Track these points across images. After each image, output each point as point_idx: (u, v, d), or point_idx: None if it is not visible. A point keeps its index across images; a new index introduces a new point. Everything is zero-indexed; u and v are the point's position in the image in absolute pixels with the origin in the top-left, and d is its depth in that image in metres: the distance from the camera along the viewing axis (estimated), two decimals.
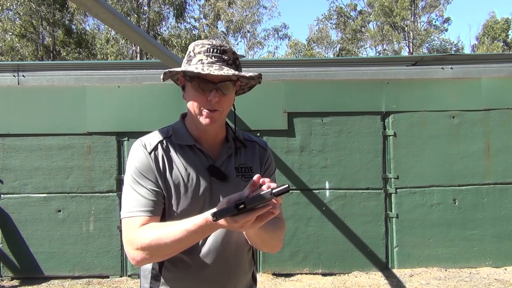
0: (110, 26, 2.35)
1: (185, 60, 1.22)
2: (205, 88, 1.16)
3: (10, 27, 19.34)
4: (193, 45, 1.21)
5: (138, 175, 1.19)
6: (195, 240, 1.10)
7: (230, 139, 1.31)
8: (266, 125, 4.53)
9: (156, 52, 3.05)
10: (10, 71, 4.76)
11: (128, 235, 1.15)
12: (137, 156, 1.21)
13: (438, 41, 30.90)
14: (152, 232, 1.11)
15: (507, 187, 4.56)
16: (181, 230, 1.06)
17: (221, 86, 1.17)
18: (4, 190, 4.49)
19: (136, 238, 1.12)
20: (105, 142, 4.52)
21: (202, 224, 1.03)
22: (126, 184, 1.22)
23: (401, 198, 4.55)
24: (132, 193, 1.18)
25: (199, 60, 1.17)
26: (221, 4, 27.50)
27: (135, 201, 1.17)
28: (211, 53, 1.17)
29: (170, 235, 1.07)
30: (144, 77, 4.75)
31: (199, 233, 1.05)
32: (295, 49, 32.93)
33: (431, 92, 4.62)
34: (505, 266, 4.49)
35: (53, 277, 4.46)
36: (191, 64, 1.17)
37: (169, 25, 23.71)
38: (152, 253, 1.11)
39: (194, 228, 1.04)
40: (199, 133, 1.26)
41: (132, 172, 1.20)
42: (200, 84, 1.16)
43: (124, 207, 1.18)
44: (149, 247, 1.10)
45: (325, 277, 4.44)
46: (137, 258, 1.13)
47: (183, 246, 1.10)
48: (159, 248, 1.09)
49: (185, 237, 1.06)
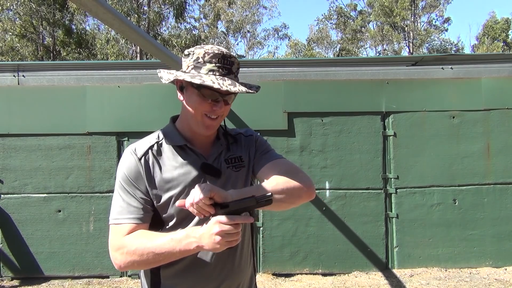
0: (110, 26, 2.35)
1: (191, 65, 1.20)
2: (212, 98, 1.19)
3: (10, 27, 19.34)
4: (203, 52, 1.19)
5: (127, 182, 1.20)
6: (178, 257, 1.13)
7: (221, 136, 1.34)
8: (266, 125, 4.53)
9: (156, 52, 3.05)
10: (10, 71, 4.76)
11: (114, 241, 1.17)
12: (127, 163, 1.22)
13: (438, 41, 30.90)
14: (138, 240, 1.14)
15: (507, 187, 4.56)
16: (168, 242, 1.10)
17: (228, 98, 1.22)
18: (4, 190, 4.49)
19: (121, 244, 1.15)
20: (105, 142, 4.52)
21: (188, 248, 1.09)
22: (115, 190, 1.23)
23: (401, 198, 4.55)
24: (120, 200, 1.20)
25: (210, 70, 1.17)
26: (221, 4, 27.49)
27: (122, 208, 1.19)
28: (222, 64, 1.18)
29: (156, 246, 1.11)
30: (144, 77, 4.74)
31: (183, 253, 1.11)
32: (295, 49, 32.93)
33: (431, 92, 4.62)
34: (505, 266, 4.49)
35: (53, 277, 4.46)
36: (200, 72, 1.17)
37: (169, 25, 23.72)
38: (135, 261, 1.13)
39: (179, 247, 1.09)
40: (191, 134, 1.27)
41: (121, 178, 1.21)
42: (207, 93, 1.18)
43: (112, 213, 1.21)
44: (134, 254, 1.12)
45: (325, 277, 4.44)
46: (120, 263, 1.16)
47: (166, 260, 1.13)
48: (143, 257, 1.12)
49: (170, 251, 1.10)
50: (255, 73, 4.75)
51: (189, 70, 1.20)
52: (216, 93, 1.18)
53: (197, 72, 1.18)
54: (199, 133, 1.25)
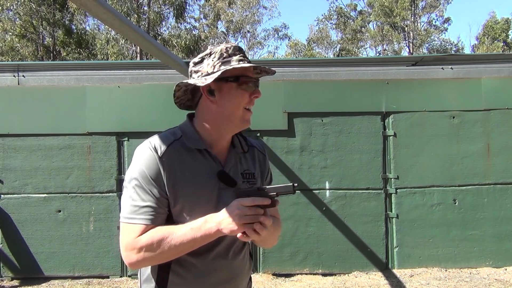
0: (110, 26, 2.35)
1: (218, 63, 1.18)
2: (251, 85, 1.21)
3: (10, 27, 19.34)
4: (225, 47, 1.20)
5: (145, 180, 1.14)
6: (200, 244, 1.12)
7: (237, 143, 1.32)
8: (266, 125, 4.53)
9: (156, 52, 3.05)
10: (10, 71, 4.76)
11: (128, 240, 1.13)
12: (146, 160, 1.15)
13: (438, 41, 30.89)
14: (157, 236, 1.11)
15: (507, 187, 4.56)
16: (189, 232, 1.10)
17: (258, 83, 1.25)
18: (4, 190, 4.49)
19: (136, 243, 1.12)
20: (105, 142, 4.52)
21: (208, 233, 1.09)
22: (129, 187, 1.16)
23: (401, 198, 4.55)
24: (135, 197, 1.14)
25: (239, 61, 1.19)
26: (221, 4, 27.49)
27: (137, 207, 1.14)
28: (244, 54, 1.22)
29: (177, 238, 1.10)
30: (144, 77, 4.74)
31: (204, 239, 1.11)
32: (295, 49, 32.93)
33: (431, 92, 4.62)
34: (505, 266, 4.49)
35: (53, 277, 4.45)
36: (231, 64, 1.17)
37: (169, 25, 23.72)
38: (152, 256, 1.11)
39: (200, 233, 1.09)
40: (212, 138, 1.24)
41: (139, 175, 1.14)
42: (246, 83, 1.19)
43: (126, 210, 1.15)
44: (152, 250, 1.10)
45: (325, 277, 4.43)
46: (134, 261, 1.13)
47: (188, 249, 1.12)
48: (163, 251, 1.10)
49: (192, 240, 1.10)
50: None
51: (218, 68, 1.18)
52: (252, 80, 1.20)
53: (228, 65, 1.17)
54: (235, 130, 1.26)
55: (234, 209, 1.06)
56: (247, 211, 1.05)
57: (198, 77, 1.21)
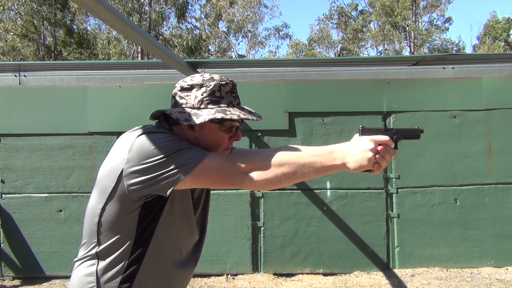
0: (112, 26, 2.35)
1: (207, 99, 1.16)
2: (232, 129, 1.21)
3: (12, 27, 19.36)
4: (218, 85, 1.17)
5: (186, 144, 1.12)
6: (319, 173, 1.11)
7: None
8: (267, 125, 4.52)
9: (158, 52, 3.05)
10: (12, 71, 4.77)
11: (234, 162, 1.08)
12: (172, 135, 1.14)
13: (439, 41, 30.85)
14: (277, 153, 1.09)
15: (508, 187, 4.55)
16: (311, 157, 1.09)
17: (241, 125, 1.26)
18: (5, 190, 4.49)
19: (249, 160, 1.08)
20: (106, 142, 4.52)
21: (332, 164, 1.09)
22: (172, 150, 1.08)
23: (402, 198, 4.55)
24: (184, 146, 1.10)
25: (229, 102, 1.17)
26: (223, 3, 27.48)
27: (198, 149, 1.11)
28: (236, 94, 1.21)
29: (299, 157, 1.08)
30: (146, 77, 4.75)
31: (325, 169, 1.10)
32: (296, 49, 32.90)
33: (432, 92, 4.61)
34: (506, 266, 4.48)
35: (55, 277, 4.46)
36: (221, 106, 1.16)
37: (171, 25, 23.73)
38: (278, 174, 1.06)
39: (325, 161, 1.08)
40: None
41: (177, 140, 1.11)
42: (229, 125, 1.18)
43: (193, 157, 1.07)
44: (278, 166, 1.06)
45: (326, 277, 4.43)
46: (259, 178, 1.06)
47: (308, 175, 1.09)
48: (289, 169, 1.06)
49: (312, 163, 1.07)
50: (256, 73, 4.74)
51: (205, 106, 1.16)
52: (234, 124, 1.20)
53: (217, 106, 1.15)
54: None
55: (367, 145, 1.04)
56: (378, 149, 1.05)
57: (182, 106, 1.19)
